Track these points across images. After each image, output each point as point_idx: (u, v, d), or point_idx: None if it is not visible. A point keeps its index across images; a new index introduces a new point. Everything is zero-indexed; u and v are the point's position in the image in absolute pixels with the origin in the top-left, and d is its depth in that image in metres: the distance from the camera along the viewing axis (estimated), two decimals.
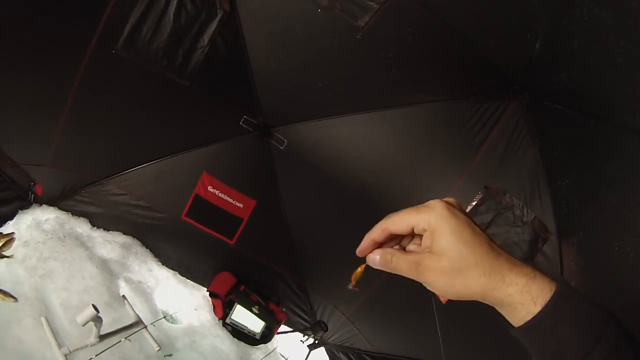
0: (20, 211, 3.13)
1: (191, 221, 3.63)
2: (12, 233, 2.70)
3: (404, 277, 0.73)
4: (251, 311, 3.63)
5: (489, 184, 2.98)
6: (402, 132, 3.17)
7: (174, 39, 2.76)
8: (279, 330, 3.85)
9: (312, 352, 3.84)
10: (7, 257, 2.61)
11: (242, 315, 3.65)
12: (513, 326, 0.69)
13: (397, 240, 0.78)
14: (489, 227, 2.93)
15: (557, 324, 0.64)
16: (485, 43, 2.53)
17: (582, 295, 0.65)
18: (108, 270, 3.31)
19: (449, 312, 3.06)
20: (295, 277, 3.94)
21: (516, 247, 2.80)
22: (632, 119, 1.97)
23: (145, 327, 3.05)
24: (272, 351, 3.81)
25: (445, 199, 0.73)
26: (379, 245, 0.76)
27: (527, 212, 2.79)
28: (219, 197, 3.58)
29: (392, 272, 0.73)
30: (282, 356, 3.97)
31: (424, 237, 0.72)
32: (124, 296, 3.21)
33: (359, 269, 0.80)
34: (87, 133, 3.09)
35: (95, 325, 2.67)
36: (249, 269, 3.91)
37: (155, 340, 3.01)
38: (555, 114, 2.67)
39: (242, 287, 3.81)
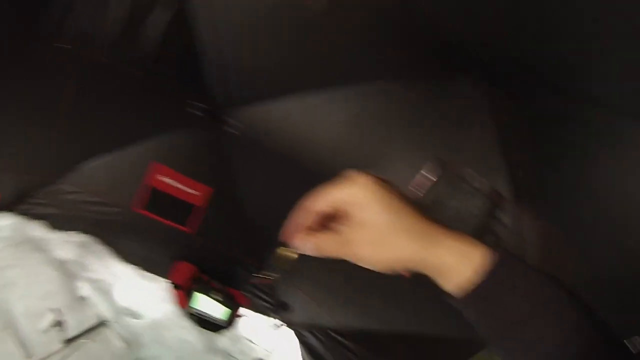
0: None
1: (147, 213, 3.87)
2: None
3: None
4: (213, 298, 3.94)
5: (445, 156, 3.32)
6: (361, 110, 3.42)
7: (126, 29, 2.94)
8: (242, 314, 4.22)
9: (278, 333, 4.23)
10: None
11: (205, 303, 3.96)
12: (452, 296, 0.69)
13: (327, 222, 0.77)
14: (443, 198, 3.26)
15: (499, 291, 0.66)
16: (442, 19, 2.75)
17: (524, 262, 0.68)
18: (67, 272, 3.56)
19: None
20: (254, 261, 4.27)
21: (472, 217, 3.11)
22: (588, 87, 2.29)
23: (109, 325, 3.40)
24: (238, 335, 4.16)
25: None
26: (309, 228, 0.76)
27: (483, 182, 3.11)
28: (172, 185, 3.80)
29: (325, 256, 0.74)
30: (249, 340, 4.30)
31: (350, 212, 0.72)
32: (84, 297, 3.51)
33: (289, 254, 0.83)
34: (35, 132, 3.27)
35: (59, 330, 3.03)
36: (208, 256, 4.20)
37: (121, 337, 3.36)
38: (512, 86, 2.99)
39: (202, 275, 4.12)
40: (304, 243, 0.75)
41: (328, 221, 0.76)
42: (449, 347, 3.28)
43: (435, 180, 3.34)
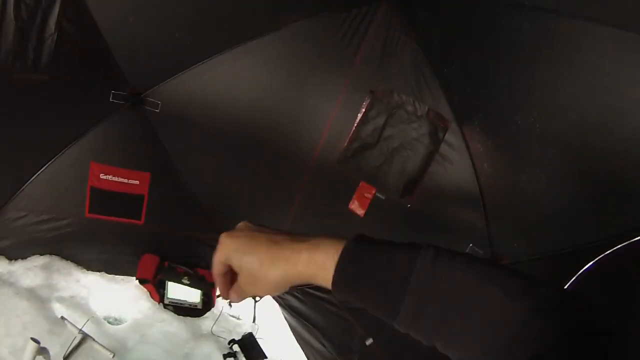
0: None
1: (96, 216, 3.92)
2: None
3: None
4: (182, 283, 4.08)
5: (373, 87, 3.33)
6: (273, 60, 3.50)
7: (19, 37, 2.87)
8: (218, 292, 4.36)
9: (259, 302, 4.38)
10: None
11: (177, 291, 4.10)
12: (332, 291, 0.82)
13: None
14: (384, 130, 3.29)
15: (350, 282, 0.80)
16: None
17: (374, 240, 0.83)
18: (38, 298, 3.62)
19: (366, 224, 3.49)
20: (214, 236, 4.36)
21: (417, 143, 3.15)
22: None
23: (92, 339, 3.49)
24: (220, 315, 4.30)
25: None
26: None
27: (420, 106, 3.12)
28: (113, 181, 3.85)
29: (245, 298, 0.96)
30: (232, 316, 4.45)
31: (232, 265, 0.92)
32: (62, 317, 3.57)
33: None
34: None
35: (44, 357, 3.17)
36: (167, 243, 4.31)
37: (106, 348, 3.46)
38: (427, 3, 2.97)
39: (166, 264, 4.22)
40: (232, 298, 0.96)
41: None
42: None
43: (368, 111, 3.36)
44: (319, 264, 0.81)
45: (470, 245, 2.85)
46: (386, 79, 3.29)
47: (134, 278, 4.27)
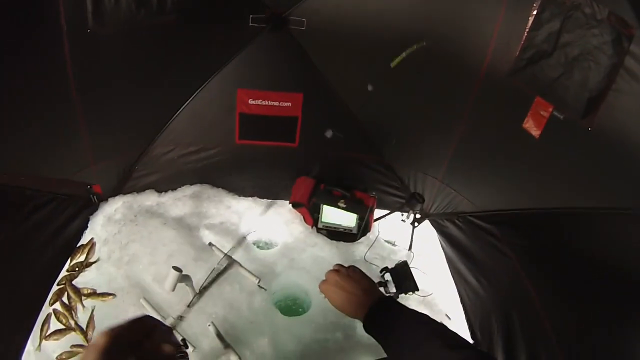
0: (90, 217, 3.90)
1: (247, 141, 4.13)
2: (91, 240, 3.58)
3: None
4: (338, 207, 4.09)
5: None
6: None
7: None
8: (375, 216, 4.31)
9: (417, 228, 4.25)
10: (94, 262, 3.52)
11: (331, 215, 4.15)
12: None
13: None
14: (560, 35, 2.88)
15: (382, 322, 1.51)
16: None
17: (399, 305, 1.52)
18: (186, 227, 4.01)
19: (542, 146, 3.19)
20: (373, 157, 4.27)
21: (598, 52, 2.70)
22: None
23: (239, 264, 3.76)
24: (375, 240, 4.26)
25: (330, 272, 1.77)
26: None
27: (599, 7, 2.67)
28: (264, 105, 3.96)
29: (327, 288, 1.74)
30: (388, 242, 4.38)
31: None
32: (210, 243, 3.92)
33: None
34: (109, 115, 3.55)
35: (187, 284, 3.45)
36: (323, 164, 4.35)
37: (252, 273, 3.70)
38: None
39: (322, 186, 4.28)
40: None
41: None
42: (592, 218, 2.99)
43: (540, 14, 2.96)
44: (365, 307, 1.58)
45: None
46: None
47: (288, 202, 4.43)
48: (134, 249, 3.75)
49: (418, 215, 4.24)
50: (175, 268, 3.25)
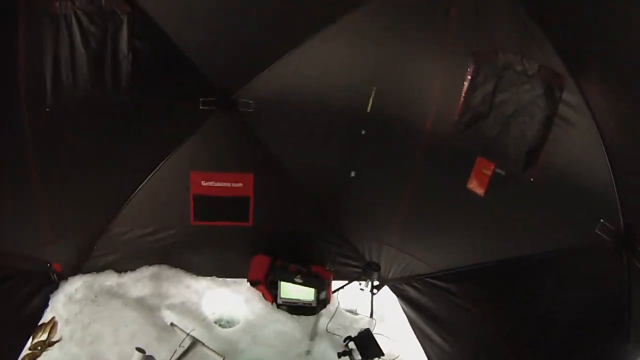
0: (51, 295, 3.88)
1: (202, 222, 4.26)
2: (53, 318, 3.55)
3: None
4: (295, 282, 4.20)
5: (475, 48, 3.21)
6: (361, 37, 3.49)
7: (93, 66, 3.23)
8: (334, 288, 4.43)
9: (376, 295, 4.37)
10: (56, 341, 3.47)
11: (290, 290, 4.25)
12: None
13: None
14: (495, 96, 3.15)
15: None
16: None
17: None
18: (147, 307, 4.02)
19: (487, 203, 3.41)
20: (326, 230, 4.48)
21: (532, 106, 2.96)
22: None
23: (202, 343, 3.73)
24: (336, 311, 4.36)
25: None
26: None
27: (529, 63, 2.93)
28: (216, 187, 4.14)
29: None
30: (349, 311, 4.49)
31: None
32: (172, 323, 3.90)
33: None
34: (69, 193, 3.64)
35: None
36: (277, 242, 4.49)
37: (216, 352, 3.69)
38: None
39: (278, 263, 4.39)
40: None
41: None
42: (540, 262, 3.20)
43: (474, 78, 3.24)
44: None
45: (601, 221, 2.65)
46: (486, 36, 3.11)
47: (246, 280, 4.49)
48: (96, 329, 3.72)
49: (376, 283, 4.37)
50: (139, 349, 3.28)
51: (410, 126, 3.63)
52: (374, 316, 4.34)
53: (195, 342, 3.80)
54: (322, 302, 4.34)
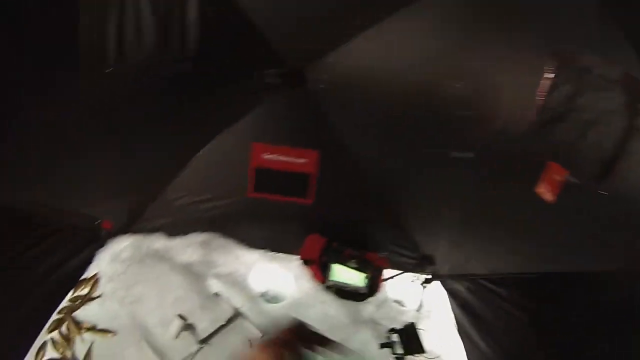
0: (97, 252, 3.95)
1: (260, 195, 4.23)
2: (95, 274, 3.61)
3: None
4: (348, 267, 4.13)
5: (554, 48, 3.00)
6: (443, 23, 3.27)
7: (160, 29, 3.11)
8: (385, 277, 4.34)
9: (427, 289, 4.26)
10: (97, 297, 3.55)
11: (341, 274, 4.17)
12: None
13: None
14: (575, 98, 2.95)
15: None
16: None
17: None
18: (194, 274, 4.04)
19: (554, 211, 3.22)
20: (386, 218, 4.35)
21: (614, 116, 2.77)
22: None
23: (245, 316, 3.75)
24: (384, 301, 4.28)
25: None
26: None
27: (611, 67, 2.73)
28: (279, 160, 4.08)
29: None
30: (396, 302, 4.38)
31: None
32: (216, 293, 3.95)
33: None
34: (126, 155, 3.62)
35: (191, 333, 3.46)
36: (336, 223, 4.40)
37: (257, 326, 3.71)
38: None
39: (333, 245, 4.32)
40: None
41: None
42: (603, 280, 2.99)
43: (560, 79, 3.04)
44: None
45: None
46: (564, 35, 2.87)
47: (298, 257, 4.45)
48: (139, 290, 3.78)
49: (428, 276, 4.22)
50: (181, 316, 3.28)
51: (482, 124, 3.44)
52: (421, 311, 4.23)
53: (238, 314, 3.81)
54: (372, 290, 4.24)
